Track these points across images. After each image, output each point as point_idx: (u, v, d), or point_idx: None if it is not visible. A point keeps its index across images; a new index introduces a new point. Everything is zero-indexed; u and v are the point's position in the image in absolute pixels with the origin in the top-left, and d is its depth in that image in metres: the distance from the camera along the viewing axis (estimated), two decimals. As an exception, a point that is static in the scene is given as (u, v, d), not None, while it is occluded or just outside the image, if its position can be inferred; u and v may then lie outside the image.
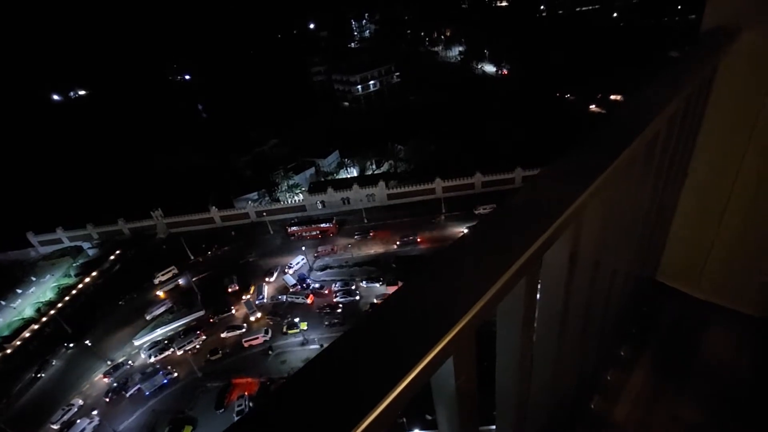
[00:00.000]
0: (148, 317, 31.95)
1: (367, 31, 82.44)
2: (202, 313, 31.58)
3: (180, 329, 30.78)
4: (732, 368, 2.01)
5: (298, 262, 34.73)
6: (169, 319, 31.59)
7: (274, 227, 39.22)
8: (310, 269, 34.59)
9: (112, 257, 38.60)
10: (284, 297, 31.71)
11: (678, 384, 1.92)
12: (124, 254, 38.91)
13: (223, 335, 29.72)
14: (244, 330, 29.68)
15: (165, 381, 27.40)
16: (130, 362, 29.27)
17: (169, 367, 28.20)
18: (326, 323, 28.95)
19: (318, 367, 0.65)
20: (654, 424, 1.78)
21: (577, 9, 69.39)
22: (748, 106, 1.80)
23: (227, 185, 43.45)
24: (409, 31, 77.11)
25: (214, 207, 40.42)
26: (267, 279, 33.34)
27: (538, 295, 1.26)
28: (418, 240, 34.71)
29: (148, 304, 33.29)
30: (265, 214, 40.38)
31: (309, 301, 31.01)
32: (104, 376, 28.51)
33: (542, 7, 72.73)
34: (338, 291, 31.21)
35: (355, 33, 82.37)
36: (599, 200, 1.25)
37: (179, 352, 29.00)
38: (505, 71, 60.74)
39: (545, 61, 52.69)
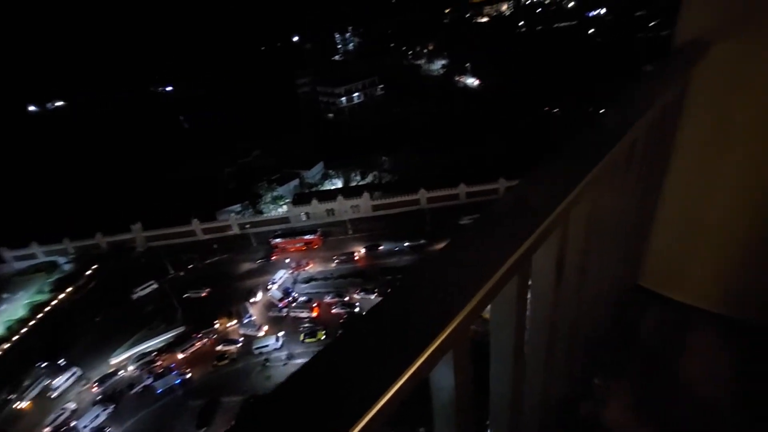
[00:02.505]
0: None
1: (351, 44, 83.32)
2: (182, 329, 30.78)
3: (160, 346, 29.87)
4: (715, 370, 2.05)
5: (281, 276, 34.28)
6: (147, 336, 30.66)
7: (257, 239, 38.75)
8: (294, 282, 34.21)
9: (88, 272, 37.42)
10: (285, 311, 31.02)
11: (663, 386, 1.96)
12: (102, 269, 37.76)
13: (218, 348, 29.09)
14: (240, 344, 28.99)
15: (178, 381, 26.73)
16: (121, 372, 28.59)
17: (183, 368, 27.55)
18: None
19: (321, 361, 0.66)
20: (641, 427, 1.81)
21: (555, 25, 71.66)
22: (721, 115, 1.88)
23: (210, 197, 42.85)
24: (392, 45, 78.27)
25: (195, 219, 39.74)
26: (251, 299, 32.55)
27: (529, 298, 1.30)
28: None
29: (127, 320, 32.30)
30: (248, 226, 39.89)
31: (315, 314, 30.30)
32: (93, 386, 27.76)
33: (521, 23, 74.87)
34: (335, 303, 30.69)
35: (339, 46, 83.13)
36: (584, 204, 1.29)
37: (180, 356, 28.49)
38: (485, 84, 62.03)
39: (525, 75, 54.08)
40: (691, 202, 2.17)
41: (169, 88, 73.85)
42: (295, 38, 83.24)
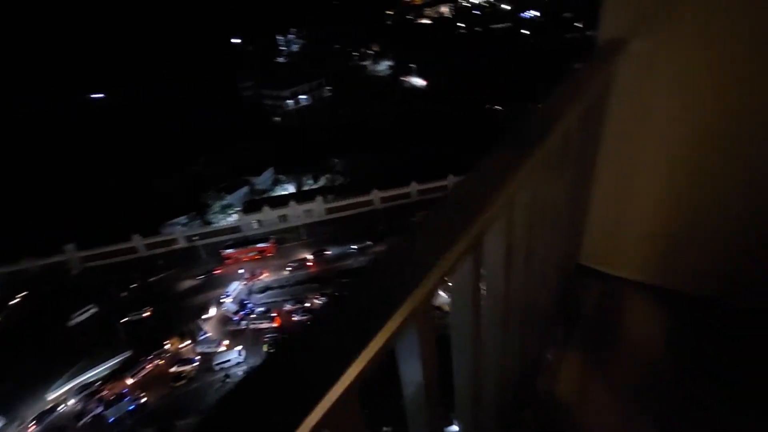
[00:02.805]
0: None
1: (295, 46, 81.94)
2: (129, 354, 28.77)
3: (105, 374, 27.75)
4: (652, 337, 2.30)
5: (235, 288, 33.09)
6: (89, 365, 28.32)
7: (207, 251, 37.12)
8: (250, 293, 33.18)
9: (17, 299, 34.00)
10: (244, 323, 29.82)
11: (608, 356, 2.17)
12: (31, 296, 34.45)
13: (172, 370, 27.38)
14: (197, 363, 27.47)
15: (132, 407, 24.99)
16: (61, 407, 26.19)
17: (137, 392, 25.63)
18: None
19: (290, 342, 0.72)
20: (592, 395, 1.98)
21: (491, 26, 74.83)
22: (642, 103, 2.11)
23: (153, 210, 40.39)
24: (337, 46, 77.96)
25: (137, 235, 37.33)
26: (204, 316, 31.05)
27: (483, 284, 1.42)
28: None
29: (64, 349, 29.67)
30: (196, 238, 38.09)
31: (276, 324, 29.38)
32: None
33: (461, 24, 77.43)
34: (296, 310, 29.99)
35: (282, 48, 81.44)
36: (525, 191, 1.45)
37: (130, 381, 26.66)
38: (431, 84, 63.62)
39: (468, 74, 56.10)
40: (620, 186, 2.40)
41: (100, 95, 68.57)
42: (236, 41, 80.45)
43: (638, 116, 2.16)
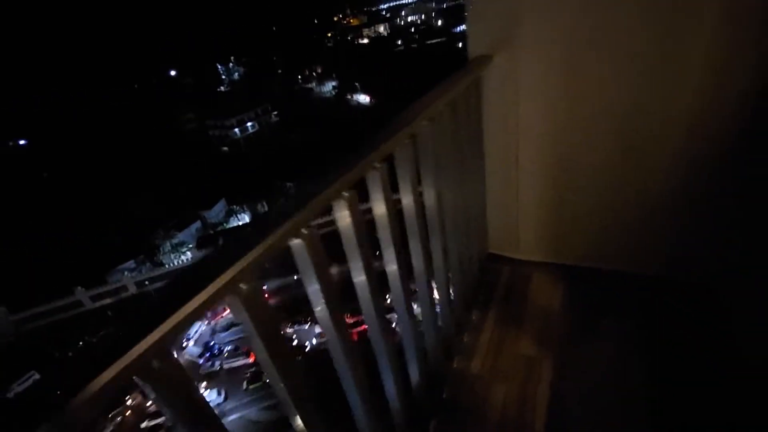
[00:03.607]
0: None
1: (236, 74, 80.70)
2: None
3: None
4: (552, 307, 2.63)
5: (196, 330, 31.22)
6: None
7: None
8: (213, 332, 31.39)
9: (-62, 380, 29.90)
10: (217, 364, 28.13)
11: (515, 329, 2.50)
12: (-42, 372, 30.48)
13: (143, 425, 25.06)
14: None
15: None
16: None
17: None
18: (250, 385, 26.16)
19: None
20: (502, 363, 2.29)
21: (428, 42, 77.96)
22: (509, 106, 2.53)
23: (95, 258, 37.48)
24: (280, 71, 77.66)
25: (79, 287, 34.37)
26: None
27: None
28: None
29: (5, 425, 26.34)
30: (147, 283, 35.70)
31: (251, 359, 27.68)
32: None
33: (399, 42, 80.00)
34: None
35: (223, 77, 79.92)
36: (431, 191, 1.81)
37: None
38: (376, 100, 64.83)
39: (409, 88, 57.79)
40: (506, 182, 2.78)
41: (22, 142, 63.35)
42: (172, 72, 77.89)
43: (508, 117, 2.56)
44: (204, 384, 26.87)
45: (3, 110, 62.40)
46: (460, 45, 75.08)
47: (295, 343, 27.92)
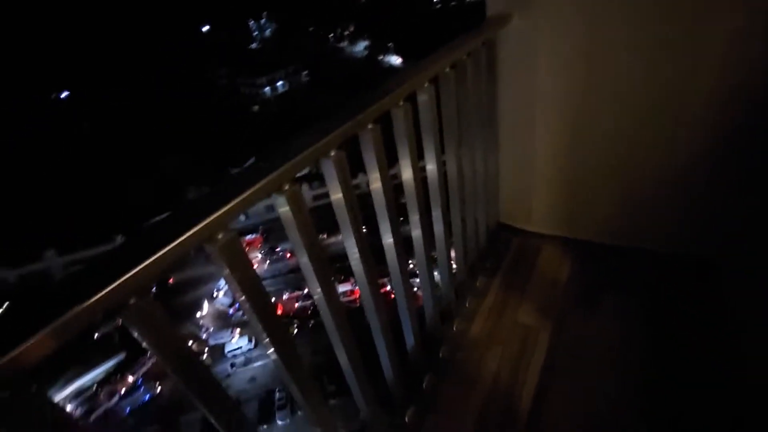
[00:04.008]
0: None
1: (268, 31, 79.43)
2: (122, 356, 28.26)
3: (100, 378, 27.26)
4: (557, 280, 2.63)
5: (225, 282, 32.54)
6: (82, 371, 27.81)
7: (195, 248, 36.33)
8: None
9: (-2, 312, 32.86)
10: (246, 315, 29.73)
11: (518, 298, 2.53)
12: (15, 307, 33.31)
13: None
14: (205, 357, 26.99)
15: (147, 397, 24.88)
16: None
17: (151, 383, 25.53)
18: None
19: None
20: (500, 329, 2.34)
21: (466, 1, 73.60)
22: (526, 71, 2.41)
23: (134, 209, 39.26)
24: (311, 29, 75.82)
25: (119, 236, 36.30)
26: (198, 313, 30.64)
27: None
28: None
29: (53, 358, 28.93)
30: (181, 235, 37.23)
31: (279, 311, 29.55)
32: None
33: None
34: (297, 297, 29.74)
35: (255, 33, 78.87)
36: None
37: (131, 378, 26.34)
38: (408, 61, 62.56)
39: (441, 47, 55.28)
40: (521, 151, 2.71)
41: (64, 94, 65.56)
42: (206, 28, 77.51)
43: (525, 83, 2.45)
44: (238, 331, 28.42)
45: (46, 63, 64.37)
46: (502, 4, 70.47)
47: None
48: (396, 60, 64.99)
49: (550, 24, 2.21)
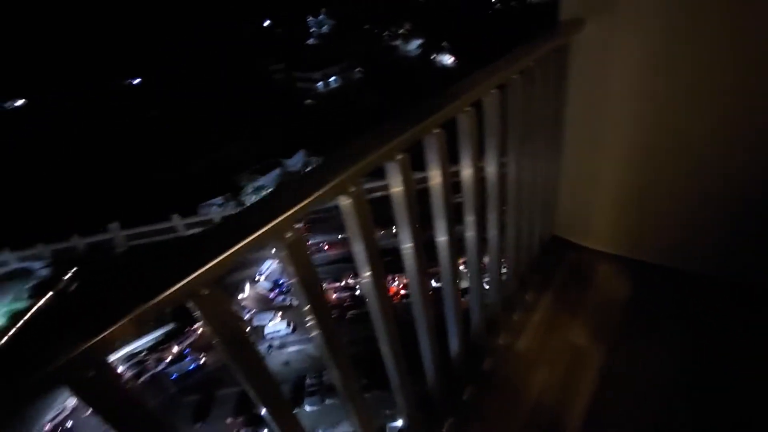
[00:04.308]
0: None
1: (325, 27, 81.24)
2: (171, 326, 30.12)
3: (149, 345, 29.21)
4: (613, 301, 2.47)
5: (268, 267, 33.72)
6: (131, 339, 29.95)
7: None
8: (283, 271, 33.73)
9: (67, 276, 36.13)
10: (288, 300, 30.57)
11: (569, 317, 2.39)
12: (81, 272, 36.51)
13: None
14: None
15: (192, 366, 26.37)
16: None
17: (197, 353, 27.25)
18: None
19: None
20: (549, 348, 2.23)
21: (528, 1, 71.23)
22: (598, 79, 2.26)
23: (190, 191, 41.65)
24: (367, 27, 76.64)
25: (176, 215, 38.62)
26: (239, 295, 31.89)
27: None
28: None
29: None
30: (231, 219, 39.08)
31: None
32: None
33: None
34: (335, 288, 30.37)
35: (313, 29, 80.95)
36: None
37: (176, 348, 27.96)
38: (461, 62, 61.62)
39: (501, 51, 53.89)
40: (586, 162, 2.56)
41: (137, 81, 70.75)
42: (266, 23, 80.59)
43: (596, 92, 2.29)
44: (279, 314, 29.61)
45: (121, 52, 69.76)
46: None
47: (357, 293, 29.55)
48: (449, 59, 64.22)
49: (628, 32, 2.05)
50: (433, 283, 1.86)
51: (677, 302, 2.38)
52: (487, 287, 2.22)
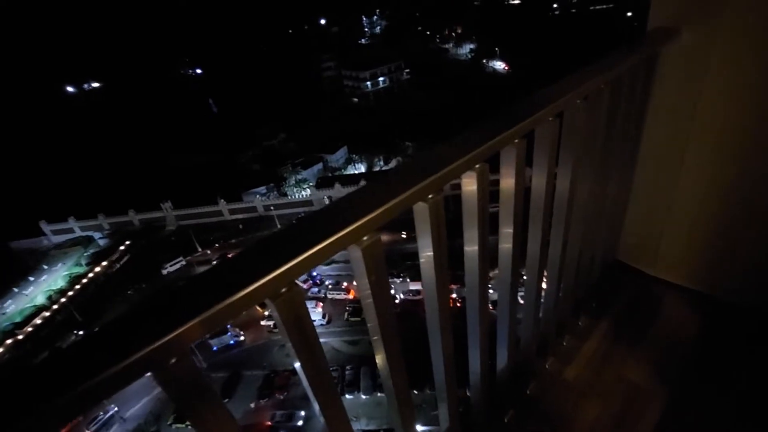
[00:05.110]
0: None
1: (378, 28, 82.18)
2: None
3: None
4: (678, 337, 2.25)
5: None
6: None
7: (281, 221, 39.48)
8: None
9: (122, 247, 39.12)
10: (323, 292, 31.72)
11: (626, 350, 2.18)
12: (134, 245, 39.39)
13: (263, 323, 29.57)
14: None
15: (232, 342, 28.07)
16: None
17: (237, 330, 28.88)
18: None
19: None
20: (600, 382, 2.02)
21: (591, 8, 68.48)
22: (687, 96, 1.99)
23: (236, 179, 43.73)
24: (419, 28, 76.71)
25: (222, 200, 40.71)
26: None
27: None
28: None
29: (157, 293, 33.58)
30: (272, 208, 40.62)
31: (351, 295, 30.99)
32: None
33: (555, 5, 71.94)
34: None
35: (366, 29, 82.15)
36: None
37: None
38: (513, 68, 60.16)
39: (556, 60, 52.24)
40: (661, 185, 2.32)
41: (198, 71, 74.97)
42: (322, 21, 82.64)
43: (683, 108, 2.04)
44: (314, 304, 30.14)
45: (185, 44, 74.11)
46: (630, 14, 64.51)
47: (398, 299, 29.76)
48: (500, 65, 63.03)
49: (727, 44, 1.79)
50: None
51: (753, 347, 2.11)
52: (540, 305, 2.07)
